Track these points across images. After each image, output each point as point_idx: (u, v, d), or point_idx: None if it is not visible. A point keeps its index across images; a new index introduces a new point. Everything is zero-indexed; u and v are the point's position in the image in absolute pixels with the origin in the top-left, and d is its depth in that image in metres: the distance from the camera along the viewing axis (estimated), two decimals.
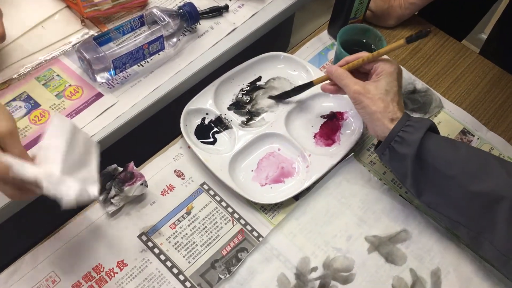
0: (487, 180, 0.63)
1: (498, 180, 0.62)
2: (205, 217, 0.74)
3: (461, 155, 0.65)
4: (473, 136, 0.84)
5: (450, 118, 0.86)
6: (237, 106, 0.84)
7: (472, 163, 0.65)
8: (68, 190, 0.56)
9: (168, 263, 0.70)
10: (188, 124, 0.80)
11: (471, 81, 0.92)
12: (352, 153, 0.80)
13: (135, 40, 0.79)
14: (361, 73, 0.75)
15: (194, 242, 0.71)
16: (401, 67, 0.89)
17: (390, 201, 0.76)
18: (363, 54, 0.73)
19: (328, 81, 0.77)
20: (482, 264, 0.72)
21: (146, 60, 0.83)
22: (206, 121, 0.82)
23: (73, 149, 0.59)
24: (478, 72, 0.93)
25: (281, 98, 0.84)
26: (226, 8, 0.91)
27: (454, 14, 1.11)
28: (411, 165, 0.66)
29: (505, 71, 0.93)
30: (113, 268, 0.69)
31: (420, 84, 0.89)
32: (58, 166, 0.56)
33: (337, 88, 0.75)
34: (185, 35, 0.87)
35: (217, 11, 0.90)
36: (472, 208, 0.64)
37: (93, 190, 0.59)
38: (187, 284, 0.68)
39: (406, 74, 0.89)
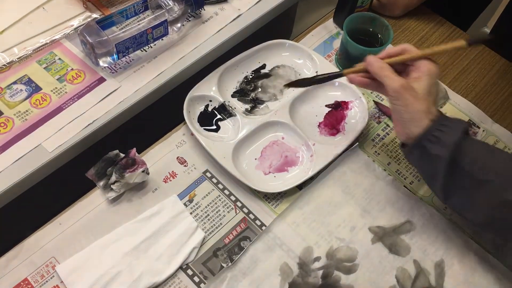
0: None
1: None
2: (208, 205, 0.73)
3: (498, 161, 0.62)
4: (479, 128, 0.84)
5: (456, 110, 0.85)
6: (241, 93, 0.83)
7: (509, 170, 0.61)
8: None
9: None
10: (191, 110, 0.79)
11: (477, 72, 0.91)
12: (357, 143, 0.79)
13: (138, 24, 0.78)
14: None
15: None
16: None
17: (395, 192, 0.76)
18: (408, 48, 0.66)
19: (359, 73, 0.69)
20: (486, 256, 0.71)
21: (149, 45, 0.82)
22: (210, 108, 0.81)
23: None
24: (485, 64, 0.92)
25: (299, 85, 0.77)
26: None
27: (460, 4, 1.09)
28: (444, 168, 0.61)
29: None
30: None
31: None
32: None
33: (369, 82, 0.68)
34: (190, 20, 0.86)
35: None
36: (503, 215, 0.60)
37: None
38: (189, 272, 0.67)
39: None
